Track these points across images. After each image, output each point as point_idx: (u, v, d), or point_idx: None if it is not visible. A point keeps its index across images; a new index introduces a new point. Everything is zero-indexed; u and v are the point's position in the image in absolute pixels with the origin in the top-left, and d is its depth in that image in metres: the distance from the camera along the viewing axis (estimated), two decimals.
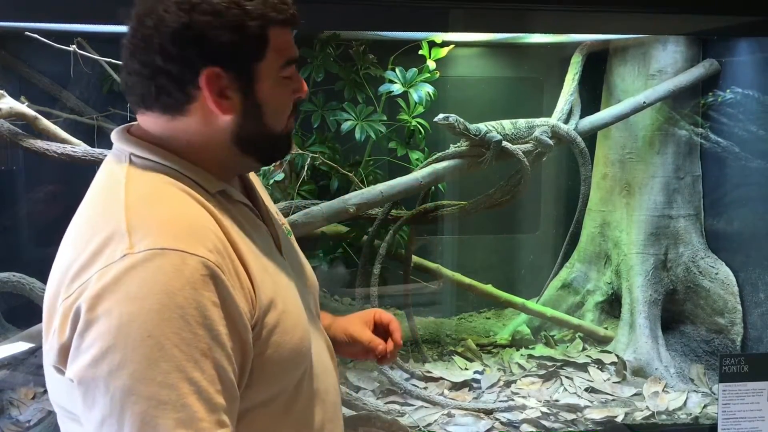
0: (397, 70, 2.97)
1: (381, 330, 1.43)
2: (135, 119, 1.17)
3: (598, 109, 3.28)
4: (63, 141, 2.60)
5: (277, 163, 2.86)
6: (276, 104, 1.13)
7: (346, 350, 1.44)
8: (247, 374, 1.04)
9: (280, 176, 2.90)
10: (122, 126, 1.16)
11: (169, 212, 1.03)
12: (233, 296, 1.00)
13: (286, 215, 2.70)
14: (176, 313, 0.94)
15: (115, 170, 1.10)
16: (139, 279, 0.94)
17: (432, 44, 2.98)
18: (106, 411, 0.92)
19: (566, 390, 2.93)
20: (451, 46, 3.04)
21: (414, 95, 2.95)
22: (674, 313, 3.27)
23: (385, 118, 3.01)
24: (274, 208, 1.34)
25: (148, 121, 1.11)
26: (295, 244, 1.35)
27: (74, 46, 2.58)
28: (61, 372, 1.00)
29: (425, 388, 2.89)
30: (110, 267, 0.96)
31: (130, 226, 0.98)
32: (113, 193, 1.05)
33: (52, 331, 1.00)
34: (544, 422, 2.68)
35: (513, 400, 2.83)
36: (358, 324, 1.42)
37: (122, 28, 1.11)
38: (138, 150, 1.09)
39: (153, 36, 1.04)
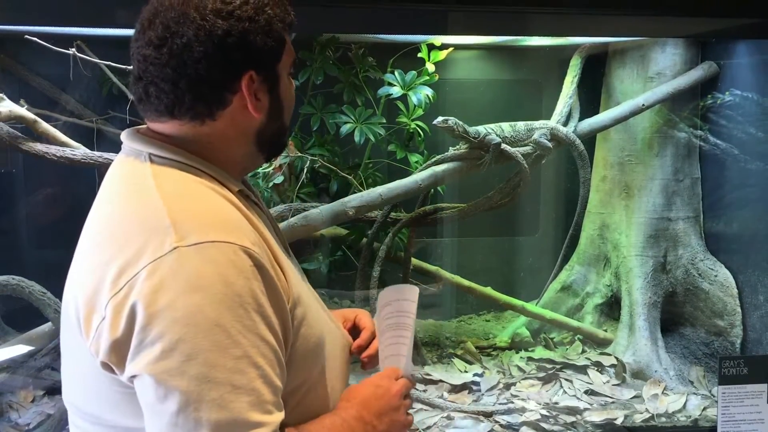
0: (396, 72, 2.98)
1: (358, 332, 1.43)
2: (134, 123, 1.17)
3: (597, 112, 3.28)
4: (62, 144, 2.60)
5: (277, 165, 2.87)
6: (290, 101, 1.19)
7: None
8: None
9: (279, 179, 2.91)
10: (132, 128, 1.16)
11: (208, 207, 1.05)
12: (278, 286, 1.04)
13: (285, 218, 2.71)
14: (236, 301, 0.97)
15: (136, 168, 1.10)
16: (196, 270, 0.96)
17: (431, 47, 2.99)
18: (183, 400, 0.94)
19: (566, 392, 2.93)
20: (450, 49, 3.05)
21: (413, 98, 2.96)
22: (674, 315, 3.27)
23: (384, 121, 3.01)
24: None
25: (166, 126, 1.11)
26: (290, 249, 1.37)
27: (74, 49, 2.58)
28: (110, 369, 1.00)
29: (425, 391, 2.89)
30: (161, 260, 0.97)
31: (175, 220, 1.00)
32: (144, 189, 1.05)
33: (94, 329, 1.00)
34: (543, 425, 2.68)
35: (512, 402, 2.83)
36: (338, 319, 1.43)
37: (121, 31, 1.11)
38: (158, 150, 1.10)
39: (192, 44, 1.04)
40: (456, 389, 2.92)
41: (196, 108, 1.08)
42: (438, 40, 2.98)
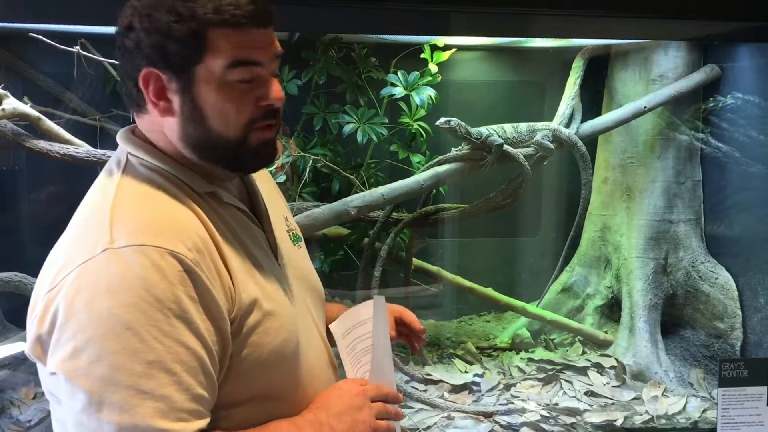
0: (399, 73, 2.98)
1: None
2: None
3: (599, 114, 3.28)
4: (66, 142, 2.61)
5: (279, 165, 2.87)
6: (220, 108, 1.07)
7: None
8: (224, 370, 1.06)
9: (281, 178, 2.91)
10: (128, 126, 1.18)
11: (153, 211, 1.05)
12: (211, 292, 1.02)
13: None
14: (155, 306, 0.96)
15: (113, 170, 1.12)
16: (117, 273, 0.97)
17: (434, 48, 2.99)
18: (86, 400, 0.95)
19: (566, 393, 2.93)
20: (453, 50, 3.05)
21: (416, 98, 2.96)
22: (674, 317, 3.27)
23: (386, 121, 3.02)
24: (281, 214, 1.33)
25: (137, 120, 1.15)
26: (303, 252, 1.35)
27: (77, 47, 2.59)
28: (34, 361, 1.03)
29: (425, 391, 2.89)
30: (91, 261, 0.98)
31: (113, 223, 1.01)
32: (105, 193, 1.08)
33: (30, 320, 1.03)
34: (543, 425, 2.68)
35: (513, 403, 2.84)
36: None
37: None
38: (134, 150, 1.12)
39: (117, 37, 1.09)
40: (456, 389, 2.93)
41: (128, 98, 1.12)
42: (441, 40, 2.99)
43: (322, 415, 1.14)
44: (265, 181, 1.32)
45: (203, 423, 0.99)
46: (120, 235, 0.99)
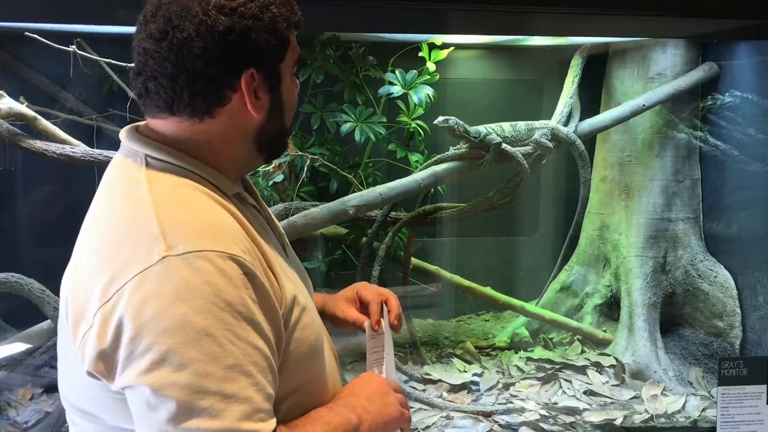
0: (396, 72, 2.97)
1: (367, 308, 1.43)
2: (134, 120, 1.17)
3: (597, 112, 3.28)
4: (62, 141, 2.60)
5: (277, 164, 2.86)
6: (292, 102, 1.18)
7: (340, 329, 1.46)
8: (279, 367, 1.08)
9: (279, 178, 2.90)
10: (130, 125, 1.16)
11: (200, 215, 1.04)
12: (269, 293, 1.04)
13: (285, 217, 2.71)
14: (227, 310, 0.97)
15: (132, 172, 1.09)
16: (184, 280, 0.96)
17: (432, 46, 2.99)
18: (174, 410, 0.94)
19: (565, 393, 2.92)
20: (451, 49, 3.05)
21: (414, 97, 2.95)
22: (673, 316, 3.27)
23: (384, 120, 3.01)
24: (271, 213, 1.35)
25: (165, 124, 1.11)
26: (291, 249, 1.36)
27: (74, 46, 2.58)
28: (95, 377, 1.00)
29: (424, 391, 2.89)
30: (149, 270, 0.96)
31: (164, 229, 0.99)
32: (137, 196, 1.05)
33: (81, 337, 1.00)
34: (542, 425, 2.68)
35: (512, 402, 2.83)
36: (342, 304, 1.44)
37: (121, 29, 1.10)
38: (154, 152, 1.09)
39: (193, 40, 1.03)
40: (455, 389, 2.92)
41: (195, 104, 1.07)
42: (439, 39, 2.98)
43: (353, 399, 1.18)
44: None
45: (275, 422, 1.01)
46: (177, 242, 0.98)
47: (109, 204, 1.09)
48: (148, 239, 0.99)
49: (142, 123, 1.16)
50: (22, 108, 2.55)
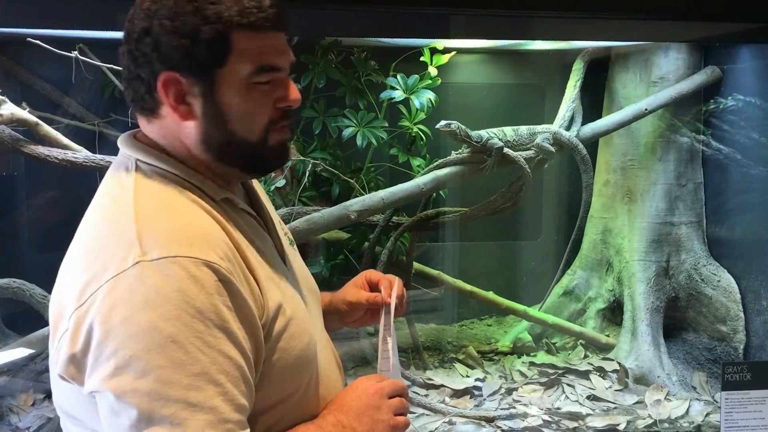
0: (398, 76, 2.98)
1: (377, 289, 1.42)
2: (136, 126, 1.17)
3: (599, 116, 3.28)
4: (64, 147, 2.60)
5: (278, 169, 2.86)
6: (243, 111, 1.07)
7: (351, 319, 1.44)
8: (258, 377, 1.06)
9: (281, 182, 2.90)
10: (129, 132, 1.16)
11: (179, 220, 1.03)
12: (247, 301, 1.02)
13: (287, 222, 2.70)
14: (196, 317, 0.95)
15: (122, 177, 1.10)
16: (155, 285, 0.95)
17: (433, 51, 2.99)
18: (135, 417, 0.93)
19: (568, 398, 2.92)
20: (453, 53, 3.05)
21: (415, 102, 2.95)
22: (676, 320, 3.26)
23: (386, 125, 3.01)
24: (276, 218, 1.34)
25: (144, 126, 1.12)
26: (297, 254, 1.35)
27: (76, 52, 2.59)
28: (67, 381, 1.00)
29: (426, 396, 2.88)
30: (123, 275, 0.96)
31: (141, 234, 0.99)
32: (122, 202, 1.05)
33: (58, 339, 1.00)
34: (545, 430, 2.67)
35: (514, 407, 2.82)
36: (352, 290, 1.43)
37: (123, 34, 1.11)
38: (144, 156, 1.10)
39: (126, 41, 1.07)
40: (458, 394, 2.91)
41: (140, 104, 1.09)
42: (440, 43, 2.98)
43: (343, 417, 1.14)
44: (256, 186, 1.32)
45: None
46: (152, 247, 0.97)
47: (98, 209, 1.10)
48: (124, 244, 0.98)
49: (138, 130, 1.17)
50: (25, 113, 2.55)
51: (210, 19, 1.02)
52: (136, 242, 0.98)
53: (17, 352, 2.72)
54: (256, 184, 1.33)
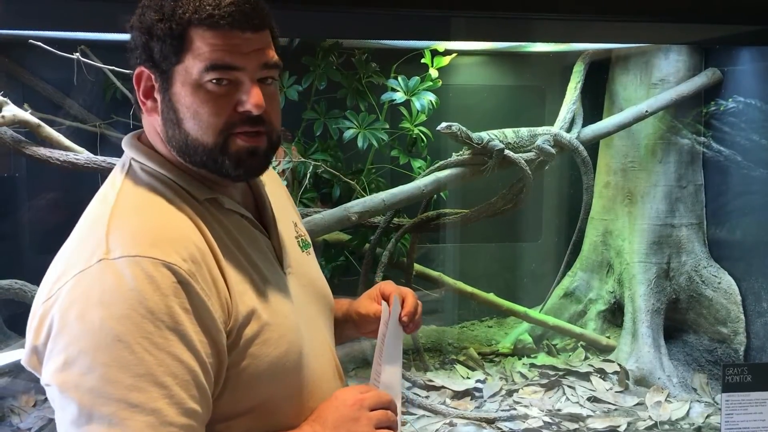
0: (399, 78, 2.98)
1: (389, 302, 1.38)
2: (137, 127, 1.18)
3: (600, 118, 3.28)
4: (66, 148, 2.61)
5: (280, 170, 2.87)
6: (194, 111, 1.04)
7: (366, 330, 1.41)
8: (222, 383, 1.04)
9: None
10: (133, 133, 1.17)
11: (149, 220, 1.03)
12: (206, 304, 1.00)
13: None
14: (147, 318, 0.94)
15: (116, 177, 1.11)
16: (111, 284, 0.95)
17: (434, 53, 2.99)
18: (76, 412, 0.93)
19: (568, 399, 2.92)
20: (454, 55, 3.05)
21: (416, 103, 2.96)
22: (677, 322, 3.26)
23: (387, 126, 3.02)
24: (291, 220, 1.31)
25: (145, 123, 1.14)
26: (312, 258, 1.33)
27: (77, 54, 2.59)
28: (31, 371, 1.02)
29: (427, 397, 2.88)
30: (86, 272, 0.97)
31: (108, 233, 1.00)
32: (106, 201, 1.07)
33: (29, 331, 1.02)
34: (546, 431, 2.67)
35: (515, 409, 2.83)
36: (365, 301, 1.40)
37: (125, 36, 1.11)
38: (137, 155, 1.11)
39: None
40: (458, 395, 2.91)
41: (135, 101, 1.12)
42: (441, 45, 2.99)
43: (319, 428, 1.11)
44: (275, 186, 1.30)
45: None
46: (116, 246, 0.98)
47: (88, 208, 1.11)
48: (94, 242, 0.99)
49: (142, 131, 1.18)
50: (26, 115, 2.56)
51: (165, 15, 1.02)
52: (103, 240, 0.99)
53: (18, 353, 2.72)
54: (276, 184, 1.31)
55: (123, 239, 0.99)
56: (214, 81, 1.03)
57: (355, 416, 1.13)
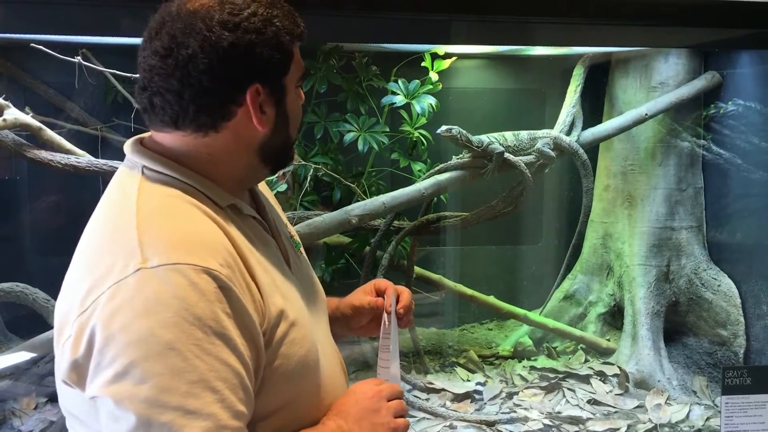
0: (399, 81, 2.99)
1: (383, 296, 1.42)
2: (139, 130, 1.17)
3: (599, 121, 3.28)
4: (67, 151, 2.61)
5: (280, 173, 2.87)
6: (297, 114, 1.17)
7: (357, 325, 1.44)
8: (258, 384, 1.06)
9: (282, 187, 2.91)
10: (135, 137, 1.16)
11: (181, 227, 1.03)
12: (246, 307, 1.02)
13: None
14: (195, 324, 0.96)
15: (126, 184, 1.10)
16: (155, 293, 0.95)
17: (434, 56, 3.00)
18: (134, 423, 0.93)
19: (568, 402, 2.92)
20: (454, 58, 3.06)
21: (416, 107, 2.97)
22: (676, 324, 3.26)
23: (387, 130, 3.02)
24: (284, 220, 1.34)
25: (169, 137, 1.11)
26: (304, 258, 1.35)
27: (79, 57, 2.60)
28: (69, 386, 1.01)
29: (427, 400, 2.89)
30: (123, 282, 0.96)
31: (142, 242, 0.99)
32: (125, 208, 1.05)
33: (62, 345, 1.01)
34: None
35: (515, 411, 2.83)
36: (359, 294, 1.44)
37: (126, 40, 1.11)
38: (151, 163, 1.10)
39: (198, 56, 1.03)
40: (458, 398, 2.92)
41: (200, 120, 1.07)
42: (441, 49, 2.99)
43: (342, 422, 1.15)
44: (261, 186, 1.32)
45: None
46: (152, 255, 0.98)
47: (101, 215, 1.10)
48: (126, 251, 0.99)
49: (146, 135, 1.17)
50: (28, 118, 2.56)
51: (285, 30, 1.09)
52: (137, 249, 0.98)
53: (20, 356, 2.72)
54: (264, 188, 1.33)
55: (158, 247, 0.99)
56: (299, 86, 1.17)
57: (376, 407, 1.18)
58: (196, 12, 1.05)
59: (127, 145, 1.14)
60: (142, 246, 0.98)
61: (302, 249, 1.36)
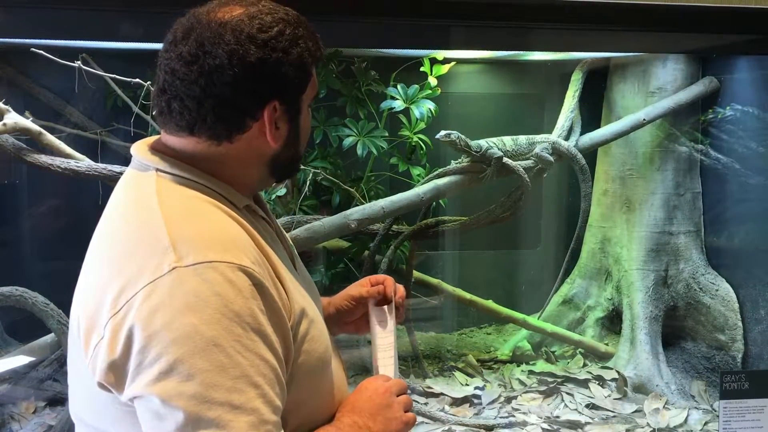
0: (398, 86, 2.99)
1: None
2: (138, 135, 1.18)
3: (598, 126, 3.29)
4: (67, 156, 2.61)
5: None
6: (307, 131, 1.21)
7: (350, 319, 1.46)
8: (288, 379, 1.08)
9: (282, 191, 2.92)
10: (142, 140, 1.17)
11: (210, 226, 1.05)
12: (278, 304, 1.04)
13: (288, 230, 2.72)
14: (235, 321, 0.97)
15: (142, 185, 1.10)
16: (193, 291, 0.96)
17: (433, 61, 3.01)
18: (182, 420, 0.94)
19: (567, 406, 2.92)
20: (453, 63, 3.07)
21: (415, 111, 2.97)
22: (675, 329, 3.27)
23: (386, 134, 3.03)
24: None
25: (182, 142, 1.12)
26: (299, 260, 1.37)
27: (79, 62, 2.60)
28: (106, 389, 1.01)
29: (426, 404, 2.89)
30: (159, 281, 0.97)
31: (174, 240, 1.00)
32: (146, 208, 1.06)
33: (92, 348, 1.01)
34: None
35: (514, 416, 2.83)
36: (355, 286, 1.47)
37: (126, 45, 1.11)
38: (165, 165, 1.10)
39: (224, 67, 1.04)
40: (457, 402, 2.92)
41: (216, 128, 1.08)
42: (440, 54, 3.00)
43: (357, 418, 1.18)
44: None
45: None
46: (187, 253, 0.98)
47: (119, 217, 1.10)
48: (158, 250, 0.99)
49: (153, 138, 1.17)
50: (28, 122, 2.57)
51: (309, 51, 1.12)
52: (170, 248, 0.99)
53: (19, 360, 2.73)
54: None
55: (192, 245, 1.00)
56: (310, 105, 1.21)
57: (388, 403, 1.22)
58: (226, 23, 1.06)
59: (136, 148, 1.15)
60: (174, 244, 0.99)
61: (294, 251, 1.38)
